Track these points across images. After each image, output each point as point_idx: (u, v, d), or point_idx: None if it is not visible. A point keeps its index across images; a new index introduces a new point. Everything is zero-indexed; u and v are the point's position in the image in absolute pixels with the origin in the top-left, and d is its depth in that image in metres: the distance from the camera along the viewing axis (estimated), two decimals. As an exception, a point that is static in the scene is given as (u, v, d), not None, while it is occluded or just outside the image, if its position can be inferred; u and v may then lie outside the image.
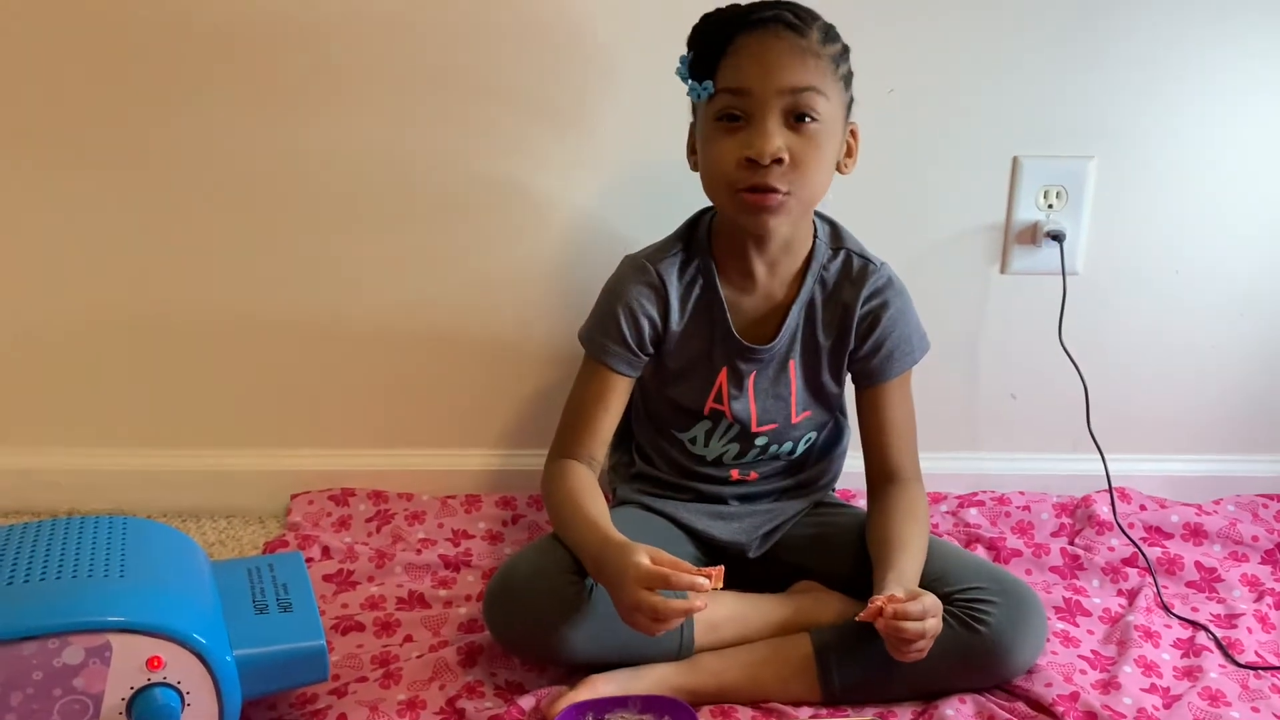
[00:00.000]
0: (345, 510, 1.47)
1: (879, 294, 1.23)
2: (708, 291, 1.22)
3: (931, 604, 1.05)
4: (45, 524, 1.02)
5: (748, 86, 1.10)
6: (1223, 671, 1.18)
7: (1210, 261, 1.48)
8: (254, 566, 1.11)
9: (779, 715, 1.10)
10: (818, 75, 1.11)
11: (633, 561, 1.02)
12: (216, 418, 1.50)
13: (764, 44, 1.10)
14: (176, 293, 1.45)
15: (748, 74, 1.10)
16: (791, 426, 1.26)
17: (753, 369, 1.23)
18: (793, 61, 1.10)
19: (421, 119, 1.39)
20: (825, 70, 1.11)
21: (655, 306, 1.21)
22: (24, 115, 1.37)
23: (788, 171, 1.11)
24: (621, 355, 1.21)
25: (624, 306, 1.21)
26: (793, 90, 1.10)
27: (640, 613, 1.01)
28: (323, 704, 1.10)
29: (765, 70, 1.10)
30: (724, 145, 1.12)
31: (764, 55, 1.10)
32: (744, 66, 1.11)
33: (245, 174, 1.40)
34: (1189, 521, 1.44)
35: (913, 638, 1.03)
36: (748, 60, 1.10)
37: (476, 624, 1.23)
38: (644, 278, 1.21)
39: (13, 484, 1.49)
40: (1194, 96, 1.42)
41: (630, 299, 1.21)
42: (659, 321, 1.21)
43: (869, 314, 1.23)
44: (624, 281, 1.22)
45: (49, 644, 0.88)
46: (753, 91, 1.10)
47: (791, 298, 1.23)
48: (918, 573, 1.13)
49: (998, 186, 1.44)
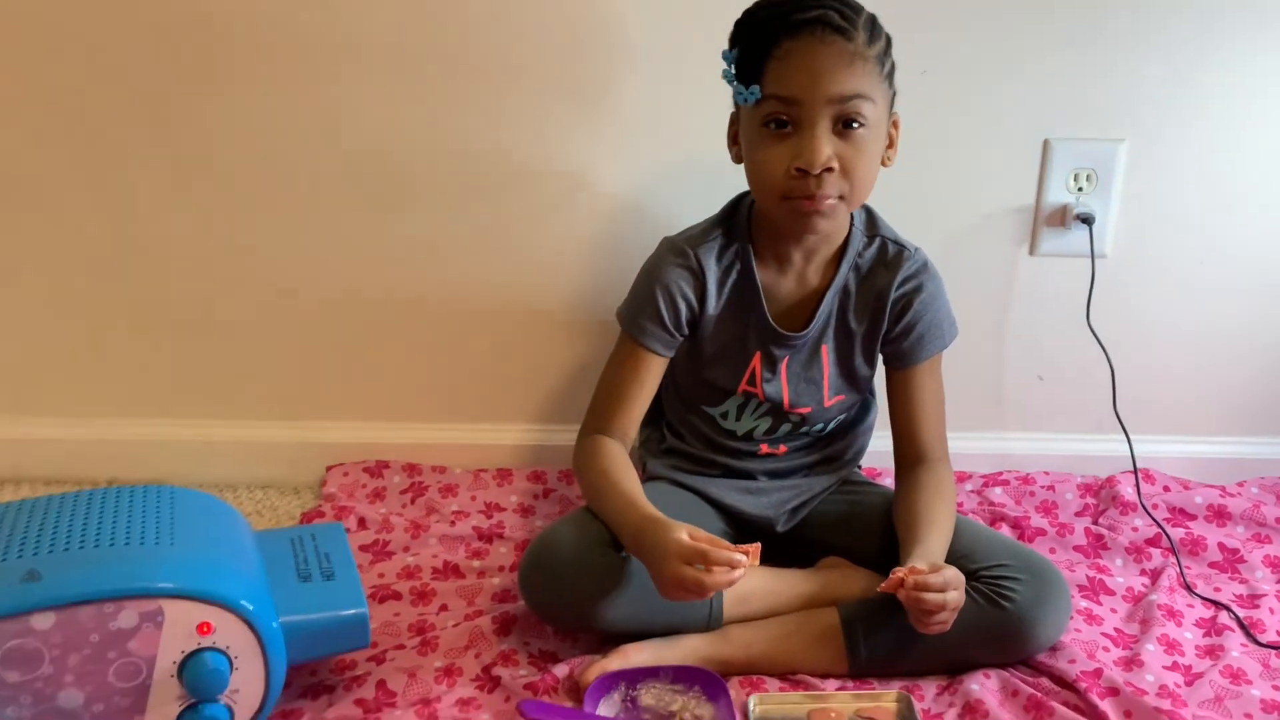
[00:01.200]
0: (380, 482, 1.50)
1: (914, 278, 1.24)
2: (745, 277, 1.24)
3: (953, 577, 1.07)
4: (96, 493, 1.05)
5: (796, 96, 1.10)
6: (1244, 650, 1.20)
7: (1238, 245, 1.49)
8: (296, 536, 1.14)
9: (807, 686, 1.13)
10: (865, 81, 1.10)
11: (673, 538, 1.04)
12: (254, 391, 1.53)
13: (811, 50, 1.09)
14: (215, 268, 1.47)
15: (796, 83, 1.10)
16: (824, 409, 1.28)
17: (786, 354, 1.25)
18: (840, 69, 1.09)
19: (458, 101, 1.40)
20: (871, 73, 1.11)
21: (692, 289, 1.23)
22: (69, 95, 1.39)
23: (837, 179, 1.12)
24: (658, 335, 1.23)
25: (662, 288, 1.22)
26: (841, 99, 1.10)
27: (680, 587, 1.04)
28: (362, 670, 1.14)
29: (814, 79, 1.09)
30: (773, 153, 1.13)
31: (812, 63, 1.09)
32: (792, 74, 1.10)
33: (280, 152, 1.42)
34: (1212, 503, 1.45)
35: (933, 609, 1.05)
36: (795, 68, 1.09)
37: (510, 594, 1.26)
38: (682, 261, 1.23)
39: (54, 454, 1.52)
40: (1225, 80, 1.42)
41: (668, 281, 1.22)
42: (695, 304, 1.23)
43: (903, 297, 1.24)
44: (662, 263, 1.24)
45: (105, 608, 0.91)
46: (801, 101, 1.10)
47: (826, 284, 1.24)
48: (944, 549, 1.15)
49: (1028, 169, 1.45)
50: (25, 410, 1.53)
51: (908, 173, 1.38)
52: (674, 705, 1.08)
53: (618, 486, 1.16)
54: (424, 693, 1.10)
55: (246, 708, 0.98)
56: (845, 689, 1.13)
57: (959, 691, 1.11)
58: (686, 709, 1.08)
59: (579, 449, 1.25)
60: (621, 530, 1.12)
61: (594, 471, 1.20)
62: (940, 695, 1.12)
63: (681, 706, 1.08)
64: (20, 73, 1.38)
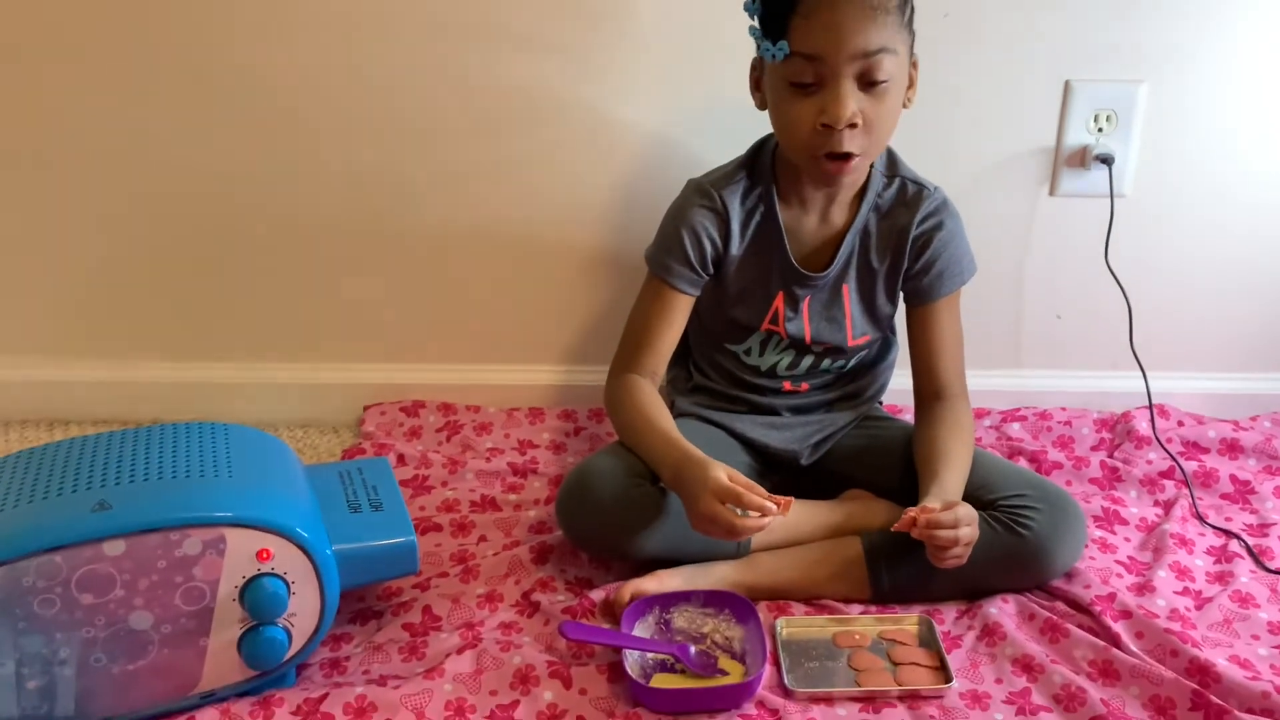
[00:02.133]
0: (416, 421, 1.55)
1: (933, 215, 1.27)
2: (768, 219, 1.27)
3: (965, 514, 1.11)
4: (155, 429, 1.09)
5: (821, 53, 1.11)
6: (1253, 576, 1.24)
7: (1256, 185, 1.51)
8: (344, 470, 1.19)
9: (831, 610, 1.18)
10: (888, 34, 1.12)
11: (712, 476, 1.09)
12: (292, 333, 1.58)
13: (835, 7, 1.10)
14: (252, 212, 1.50)
15: (820, 40, 1.11)
16: (848, 347, 1.32)
17: (808, 293, 1.29)
18: (865, 25, 1.10)
19: (486, 38, 1.42)
20: (893, 24, 1.12)
21: (717, 230, 1.26)
22: (104, 55, 1.42)
23: (860, 134, 1.15)
24: (684, 275, 1.27)
25: (687, 228, 1.26)
26: (865, 54, 1.11)
27: (713, 524, 1.09)
28: (407, 596, 1.19)
29: (838, 36, 1.10)
30: (799, 109, 1.15)
31: (836, 20, 1.10)
32: (816, 31, 1.11)
33: (316, 92, 1.44)
34: (1225, 437, 1.49)
35: (946, 545, 1.10)
36: (819, 25, 1.11)
37: (546, 526, 1.31)
38: (707, 202, 1.26)
39: (103, 395, 1.58)
40: (1244, 20, 1.43)
41: (694, 221, 1.26)
42: (720, 244, 1.27)
43: (923, 234, 1.27)
44: (688, 204, 1.27)
45: (171, 536, 0.96)
46: (826, 58, 1.12)
47: (847, 225, 1.28)
48: (960, 484, 1.19)
49: (1048, 110, 1.47)
50: (71, 353, 1.58)
51: (930, 114, 1.40)
52: (705, 628, 1.14)
53: (655, 424, 1.20)
54: (467, 617, 1.16)
55: (303, 630, 1.04)
56: (869, 613, 1.18)
57: (978, 615, 1.16)
58: (717, 631, 1.13)
59: (610, 388, 1.29)
60: (661, 466, 1.17)
61: (630, 410, 1.24)
62: (960, 619, 1.17)
63: (713, 629, 1.14)
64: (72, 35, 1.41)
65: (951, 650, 1.12)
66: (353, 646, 1.12)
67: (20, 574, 0.93)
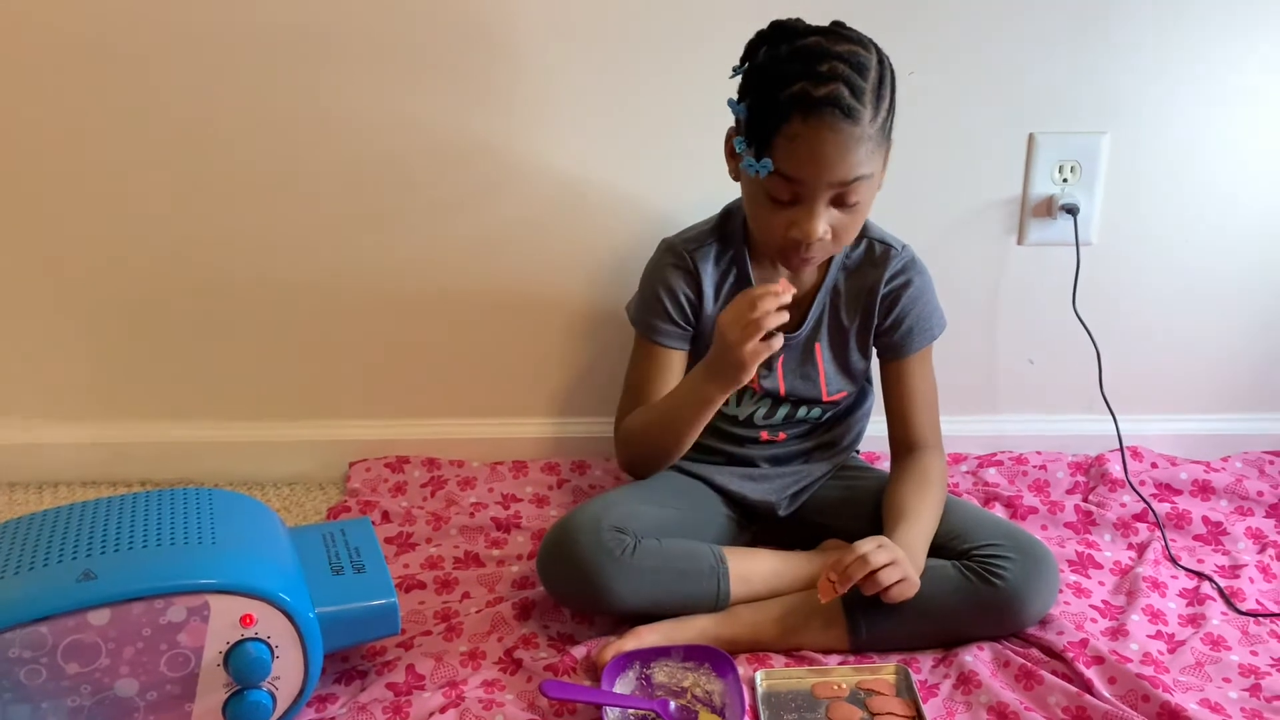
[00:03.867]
0: (401, 476, 1.56)
1: (902, 273, 1.31)
2: (740, 281, 1.31)
3: (867, 545, 1.13)
4: (140, 496, 1.11)
5: (801, 177, 1.14)
6: (1225, 618, 1.26)
7: (1216, 230, 1.54)
8: (327, 532, 1.21)
9: (810, 661, 1.20)
10: (868, 160, 1.14)
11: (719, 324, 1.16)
12: (278, 391, 1.60)
13: (819, 136, 1.11)
14: (240, 276, 1.53)
15: (802, 166, 1.13)
16: (824, 403, 1.34)
17: (781, 353, 1.32)
18: (845, 156, 1.12)
19: (469, 101, 1.45)
20: (874, 149, 1.14)
21: (690, 288, 1.30)
22: (106, 102, 1.45)
23: (829, 244, 1.19)
24: (669, 331, 1.31)
25: (664, 287, 1.30)
26: (843, 183, 1.15)
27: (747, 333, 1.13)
28: (392, 655, 1.21)
29: (818, 165, 1.13)
30: (773, 218, 1.18)
31: (818, 149, 1.12)
32: (799, 156, 1.13)
33: (292, 154, 1.47)
34: (1197, 478, 1.51)
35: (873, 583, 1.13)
36: (803, 151, 1.13)
37: (529, 581, 1.33)
38: (678, 262, 1.30)
39: (91, 457, 1.59)
40: (1202, 73, 1.47)
41: (669, 280, 1.30)
42: (695, 300, 1.30)
43: (891, 292, 1.31)
44: (661, 266, 1.31)
45: (155, 604, 0.98)
46: (805, 181, 1.15)
47: (817, 285, 1.31)
48: (918, 538, 1.21)
49: (1014, 162, 1.51)
50: (59, 416, 1.59)
51: (899, 169, 1.41)
52: (685, 681, 1.15)
53: (662, 400, 1.26)
54: (450, 676, 1.18)
55: (287, 693, 1.06)
56: (846, 663, 1.20)
57: (954, 663, 1.18)
58: (697, 685, 1.15)
59: (620, 434, 1.32)
60: (694, 389, 1.21)
61: (639, 417, 1.28)
62: (936, 667, 1.19)
63: (692, 683, 1.15)
64: (65, 87, 1.44)
65: (928, 699, 1.14)
66: (338, 707, 1.14)
67: (6, 645, 0.95)
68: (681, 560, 1.21)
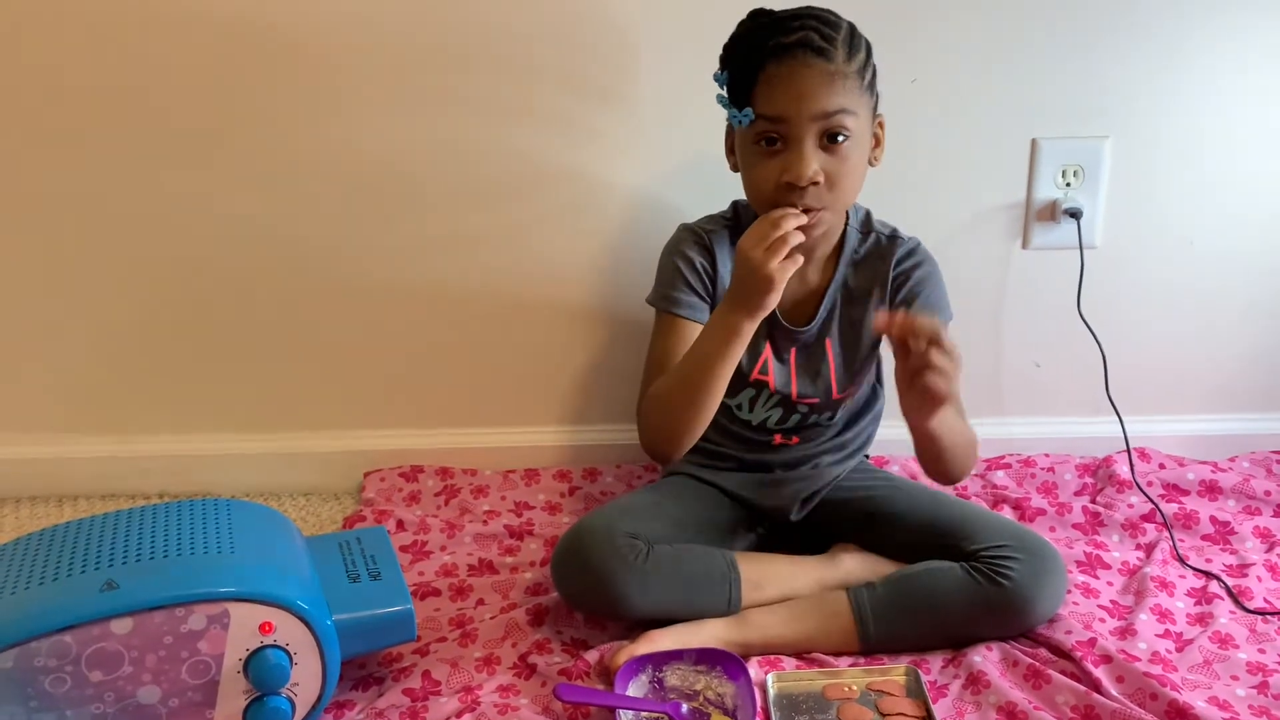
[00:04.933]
0: (415, 486, 1.58)
1: (910, 256, 1.33)
2: None
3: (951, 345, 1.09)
4: (160, 507, 1.14)
5: (783, 114, 1.18)
6: (1232, 617, 1.27)
7: (1218, 233, 1.56)
8: (344, 540, 1.22)
9: (821, 663, 1.21)
10: (846, 96, 1.18)
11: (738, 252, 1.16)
12: (293, 403, 1.61)
13: (794, 73, 1.17)
14: (255, 286, 1.55)
15: (782, 103, 1.18)
16: (832, 400, 1.36)
17: (792, 346, 1.33)
18: (822, 88, 1.17)
19: (481, 106, 1.47)
20: (852, 88, 1.19)
21: (707, 261, 1.32)
22: (121, 119, 1.47)
23: (824, 190, 1.20)
24: (687, 301, 1.31)
25: (681, 258, 1.32)
26: (825, 115, 1.18)
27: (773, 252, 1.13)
28: (408, 662, 1.22)
29: (798, 100, 1.17)
30: (764, 168, 1.21)
31: (795, 84, 1.17)
32: (777, 96, 1.18)
33: (312, 165, 1.49)
34: (1205, 478, 1.52)
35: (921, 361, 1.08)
36: (780, 90, 1.18)
37: (542, 587, 1.34)
38: (696, 239, 1.33)
39: (110, 470, 1.61)
40: (1204, 76, 1.49)
41: (686, 251, 1.33)
42: (711, 273, 1.32)
43: (902, 274, 1.33)
44: (678, 241, 1.34)
45: (176, 613, 1.00)
46: (788, 119, 1.18)
47: (826, 282, 1.33)
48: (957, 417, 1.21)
49: (1018, 167, 1.52)
50: (77, 429, 1.61)
51: (904, 174, 1.46)
52: (698, 685, 1.17)
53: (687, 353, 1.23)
54: (466, 681, 1.19)
55: (305, 700, 1.07)
56: (857, 665, 1.21)
57: (963, 664, 1.19)
58: (709, 688, 1.16)
59: (641, 412, 1.29)
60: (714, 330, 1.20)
61: (664, 383, 1.25)
62: (945, 668, 1.20)
63: (705, 686, 1.17)
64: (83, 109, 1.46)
65: (937, 700, 1.15)
66: (355, 713, 1.15)
67: (33, 654, 0.97)
68: (694, 566, 1.23)
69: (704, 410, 1.22)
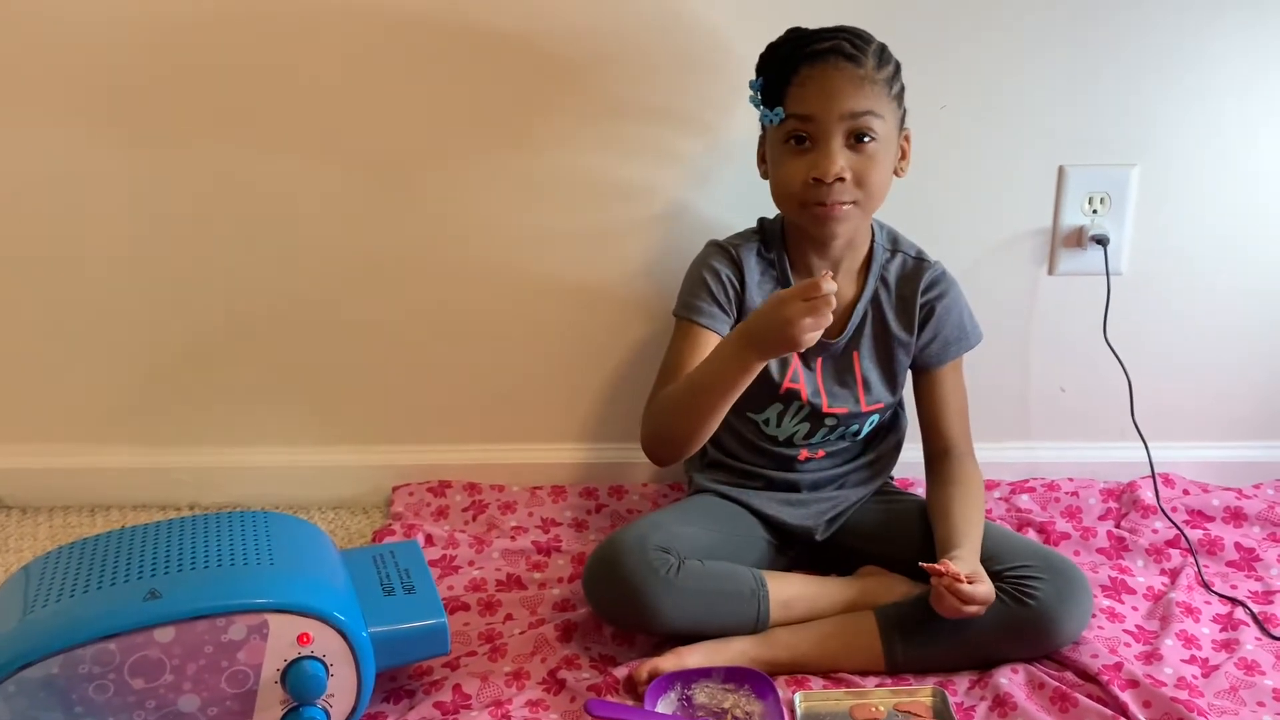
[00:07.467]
0: (443, 501, 1.60)
1: (934, 286, 1.36)
2: (780, 281, 1.35)
3: (984, 592, 1.17)
4: (200, 518, 1.16)
5: (812, 113, 1.24)
6: (1258, 644, 1.28)
7: (1246, 260, 1.57)
8: (378, 554, 1.24)
9: (848, 683, 1.22)
10: (874, 99, 1.24)
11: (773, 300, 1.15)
12: (323, 417, 1.63)
13: (825, 74, 1.24)
14: (287, 302, 1.57)
15: (812, 102, 1.24)
16: (862, 414, 1.37)
17: (820, 356, 1.36)
18: (851, 89, 1.24)
19: (502, 119, 1.49)
20: (880, 93, 1.25)
21: (735, 275, 1.35)
22: (143, 138, 1.50)
23: (850, 187, 1.25)
24: (711, 312, 1.33)
25: (708, 270, 1.35)
26: (852, 115, 1.24)
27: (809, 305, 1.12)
28: (438, 675, 1.24)
29: (828, 98, 1.24)
30: (793, 165, 1.26)
31: (826, 85, 1.24)
32: (808, 95, 1.25)
33: (341, 183, 1.51)
34: (1229, 505, 1.53)
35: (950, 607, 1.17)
36: (812, 90, 1.24)
37: (570, 603, 1.36)
38: (724, 253, 1.36)
39: (141, 481, 1.63)
40: (1231, 105, 1.50)
41: (713, 264, 1.35)
42: (738, 287, 1.35)
43: (927, 304, 1.36)
44: (707, 254, 1.37)
45: (217, 623, 1.02)
46: (816, 117, 1.24)
47: (856, 296, 1.35)
48: (978, 547, 1.25)
49: (1045, 194, 1.54)
50: (110, 440, 1.63)
51: (933, 199, 1.48)
52: (725, 703, 1.18)
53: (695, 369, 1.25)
54: (496, 695, 1.20)
55: (340, 711, 1.09)
56: (884, 685, 1.22)
57: (989, 685, 1.20)
58: (737, 706, 1.17)
59: (646, 414, 1.30)
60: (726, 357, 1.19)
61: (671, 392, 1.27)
62: (972, 689, 1.21)
63: (733, 704, 1.18)
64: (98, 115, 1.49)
65: (964, 721, 1.16)
66: (387, 725, 1.17)
67: (77, 661, 0.99)
68: (723, 582, 1.24)
69: (703, 427, 1.23)
